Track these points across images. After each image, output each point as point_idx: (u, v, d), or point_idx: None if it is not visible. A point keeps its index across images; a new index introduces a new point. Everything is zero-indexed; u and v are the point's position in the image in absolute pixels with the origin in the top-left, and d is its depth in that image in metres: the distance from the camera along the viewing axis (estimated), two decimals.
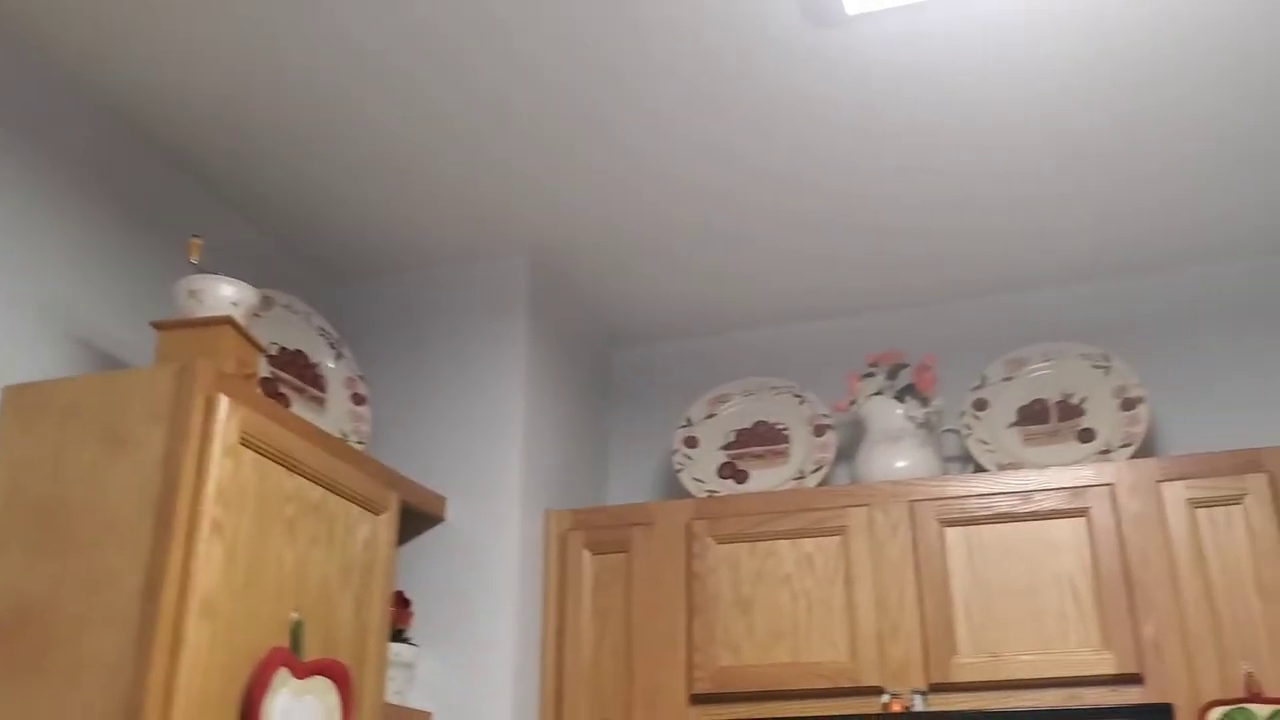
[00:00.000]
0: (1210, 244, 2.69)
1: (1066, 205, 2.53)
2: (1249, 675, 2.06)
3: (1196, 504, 2.21)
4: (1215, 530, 2.19)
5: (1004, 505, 2.33)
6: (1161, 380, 2.70)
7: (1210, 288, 2.76)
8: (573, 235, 2.64)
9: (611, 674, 2.44)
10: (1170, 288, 2.79)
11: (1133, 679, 2.13)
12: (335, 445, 2.11)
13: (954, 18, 1.97)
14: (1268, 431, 2.59)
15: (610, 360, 3.19)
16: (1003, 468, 2.55)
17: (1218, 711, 2.05)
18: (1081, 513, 2.27)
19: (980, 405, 2.70)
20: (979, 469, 2.62)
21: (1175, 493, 2.23)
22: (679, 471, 2.79)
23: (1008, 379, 2.72)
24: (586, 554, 2.55)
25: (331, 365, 2.41)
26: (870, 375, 2.71)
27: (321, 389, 2.37)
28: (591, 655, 2.46)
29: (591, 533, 2.56)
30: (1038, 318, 2.86)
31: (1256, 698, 2.04)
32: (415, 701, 2.35)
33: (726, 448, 2.81)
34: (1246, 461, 2.21)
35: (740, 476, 2.76)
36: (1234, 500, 2.20)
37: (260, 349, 1.97)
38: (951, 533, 2.34)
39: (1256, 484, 2.19)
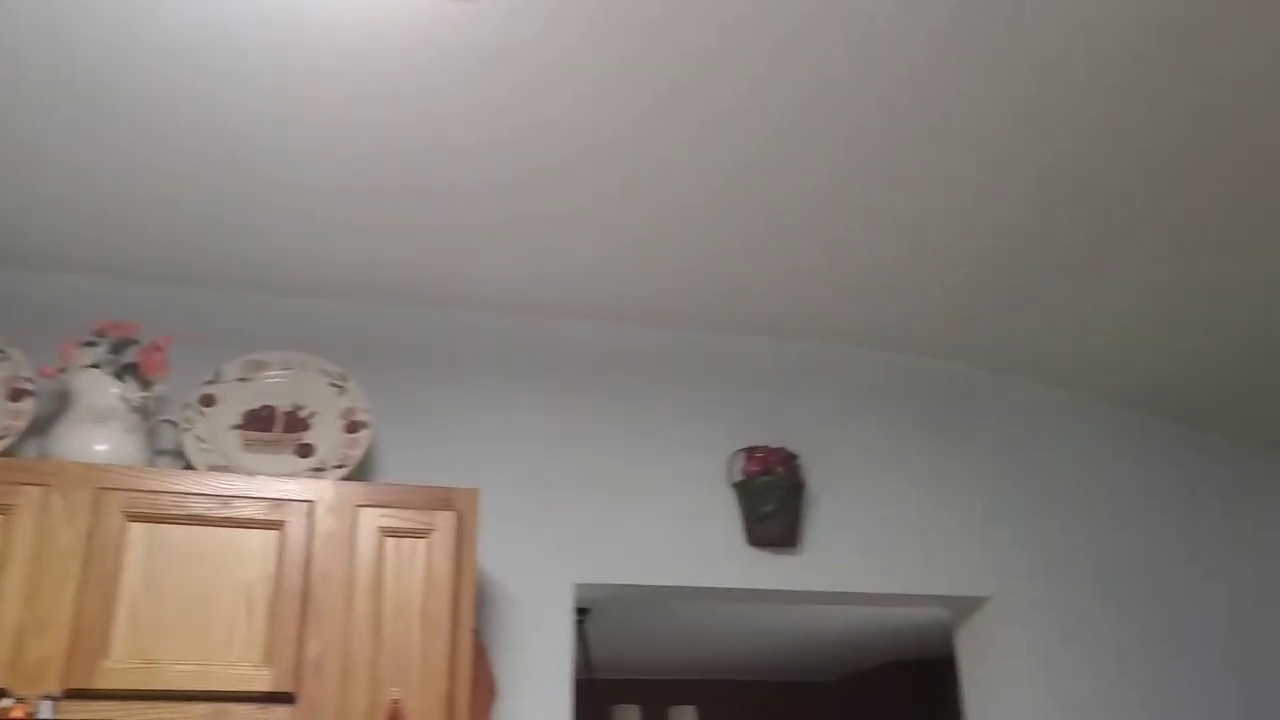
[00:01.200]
0: (476, 293, 2.85)
1: (347, 219, 2.52)
2: (395, 701, 2.13)
3: (388, 532, 2.26)
4: (399, 559, 2.25)
5: (200, 507, 2.19)
6: (394, 410, 2.77)
7: (456, 331, 2.91)
8: None
9: None
10: (418, 322, 2.90)
11: (286, 698, 2.09)
12: None
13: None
14: (475, 472, 2.76)
15: None
16: (214, 469, 2.42)
17: None
18: (277, 525, 2.21)
19: (208, 401, 2.56)
20: (190, 466, 2.46)
21: (370, 519, 2.26)
22: None
23: (243, 380, 2.61)
24: None
25: None
26: (92, 344, 2.43)
27: None
28: None
29: None
30: (297, 325, 2.81)
31: None
32: None
33: None
34: (441, 499, 2.32)
35: None
36: (422, 534, 2.28)
37: None
38: (136, 528, 2.15)
39: (445, 521, 2.30)
